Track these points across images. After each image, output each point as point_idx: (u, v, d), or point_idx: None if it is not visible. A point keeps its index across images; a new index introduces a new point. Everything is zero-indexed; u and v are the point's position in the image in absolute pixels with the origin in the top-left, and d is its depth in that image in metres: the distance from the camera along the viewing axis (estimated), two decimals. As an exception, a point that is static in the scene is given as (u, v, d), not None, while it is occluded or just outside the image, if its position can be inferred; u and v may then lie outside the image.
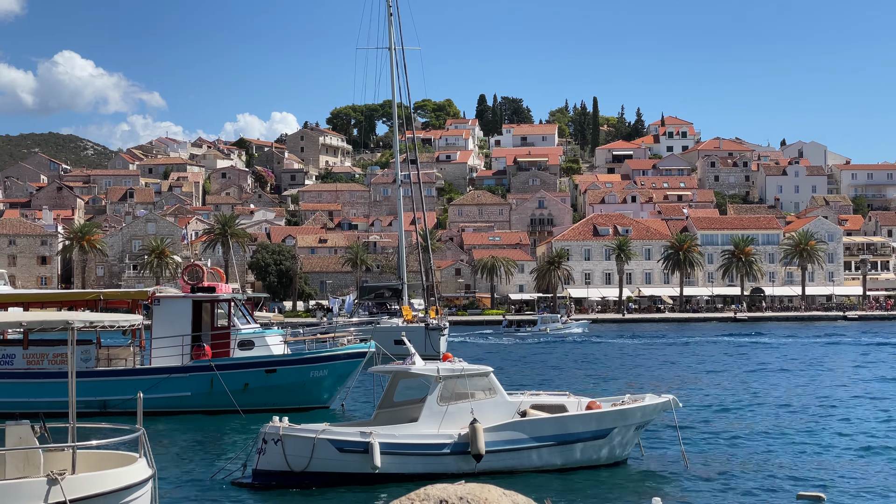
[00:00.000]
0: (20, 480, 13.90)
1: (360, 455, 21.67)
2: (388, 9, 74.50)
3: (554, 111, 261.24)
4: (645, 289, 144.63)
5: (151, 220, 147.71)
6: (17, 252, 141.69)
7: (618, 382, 46.48)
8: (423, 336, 61.84)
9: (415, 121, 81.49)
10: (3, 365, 35.07)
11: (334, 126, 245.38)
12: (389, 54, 74.66)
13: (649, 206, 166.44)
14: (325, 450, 21.77)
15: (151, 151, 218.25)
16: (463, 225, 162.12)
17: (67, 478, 13.83)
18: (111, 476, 14.43)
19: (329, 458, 21.77)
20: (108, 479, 14.33)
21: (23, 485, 13.70)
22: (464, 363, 23.90)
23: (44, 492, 13.59)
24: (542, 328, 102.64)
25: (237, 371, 35.62)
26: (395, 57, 74.42)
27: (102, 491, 14.14)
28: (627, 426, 24.16)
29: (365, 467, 21.61)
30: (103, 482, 14.23)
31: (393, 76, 74.61)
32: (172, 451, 27.33)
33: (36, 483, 13.69)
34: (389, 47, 74.64)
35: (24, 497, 13.50)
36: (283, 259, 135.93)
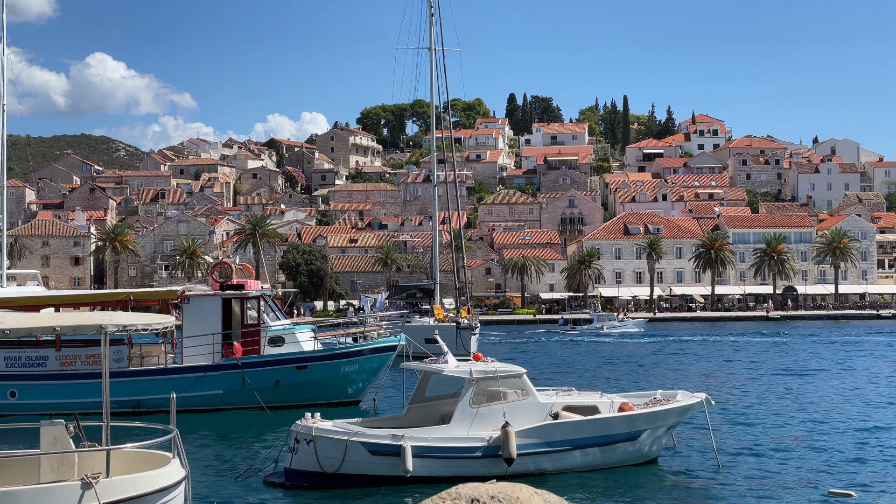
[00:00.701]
0: (54, 485, 13.93)
1: (392, 458, 21.60)
2: (429, 9, 74.58)
3: (584, 110, 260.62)
4: (676, 288, 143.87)
5: (183, 221, 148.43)
6: (51, 253, 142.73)
7: (655, 380, 46.16)
8: (454, 335, 61.78)
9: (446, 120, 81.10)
10: (37, 366, 35.28)
11: (364, 126, 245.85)
12: (429, 54, 74.76)
13: (680, 204, 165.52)
14: (357, 452, 21.73)
15: (183, 152, 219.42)
16: (493, 224, 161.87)
17: (101, 481, 13.85)
18: (145, 479, 14.43)
19: (361, 461, 21.72)
20: (142, 482, 14.34)
21: (57, 489, 13.74)
22: (496, 363, 23.76)
23: (78, 496, 13.61)
24: (598, 326, 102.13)
25: (268, 368, 35.68)
26: (435, 57, 74.54)
27: (136, 494, 14.16)
28: (659, 427, 23.97)
29: (397, 470, 21.54)
30: (137, 485, 14.24)
31: (432, 76, 74.73)
32: (205, 448, 27.37)
33: (70, 487, 13.72)
34: (430, 47, 74.70)
35: (59, 501, 13.53)
36: (314, 259, 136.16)
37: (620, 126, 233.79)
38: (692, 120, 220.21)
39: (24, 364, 35.31)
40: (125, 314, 15.98)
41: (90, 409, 31.79)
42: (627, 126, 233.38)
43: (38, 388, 34.81)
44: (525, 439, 22.33)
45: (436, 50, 74.35)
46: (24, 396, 34.66)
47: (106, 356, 15.14)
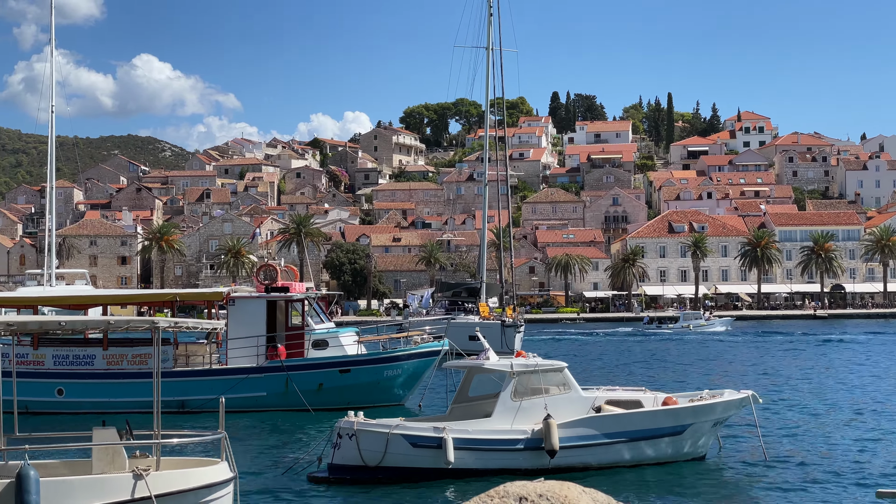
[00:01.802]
0: (106, 475, 14.17)
1: (434, 450, 21.62)
2: (488, 9, 74.60)
3: (628, 108, 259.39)
4: (721, 286, 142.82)
5: (228, 221, 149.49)
6: (98, 252, 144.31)
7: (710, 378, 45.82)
8: (498, 333, 61.76)
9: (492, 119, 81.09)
10: (84, 365, 35.63)
11: (407, 125, 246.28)
12: (487, 54, 74.80)
13: (725, 202, 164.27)
14: (398, 445, 21.79)
15: (227, 152, 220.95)
16: (537, 223, 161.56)
17: (152, 474, 14.09)
18: (195, 474, 14.67)
19: (403, 453, 21.77)
20: (192, 477, 14.57)
21: (109, 479, 13.99)
22: (538, 358, 23.75)
23: (129, 486, 13.85)
24: (684, 325, 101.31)
25: (311, 371, 35.79)
26: (492, 57, 74.56)
27: (186, 488, 14.36)
28: (704, 422, 23.80)
29: (438, 462, 21.55)
30: (187, 479, 14.47)
31: (488, 76, 74.78)
32: (249, 448, 27.52)
33: (122, 478, 13.97)
34: (487, 47, 74.72)
35: (111, 491, 13.77)
36: (358, 258, 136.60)
37: (664, 124, 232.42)
38: (737, 117, 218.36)
39: (72, 363, 35.67)
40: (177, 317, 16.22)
41: (136, 408, 32.14)
42: (672, 124, 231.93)
43: (84, 386, 35.15)
44: (567, 431, 22.26)
45: (493, 50, 74.37)
46: (72, 394, 35.03)
47: (158, 355, 15.37)
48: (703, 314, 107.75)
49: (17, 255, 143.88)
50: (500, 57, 74.29)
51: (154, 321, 14.79)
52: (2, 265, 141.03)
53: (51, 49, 66.75)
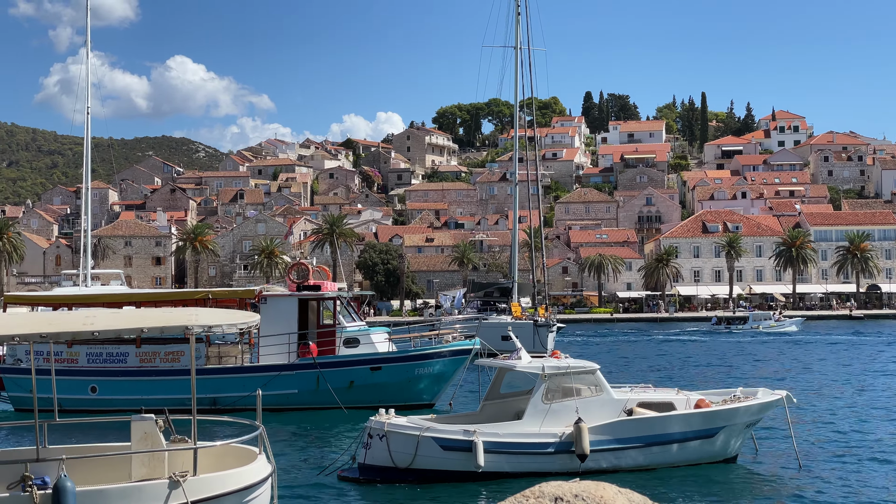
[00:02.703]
0: (143, 483, 14.18)
1: (464, 453, 21.54)
2: (516, 8, 74.47)
3: (661, 107, 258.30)
4: (756, 286, 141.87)
5: (261, 221, 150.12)
6: (133, 253, 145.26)
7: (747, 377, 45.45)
8: (531, 333, 61.67)
9: (521, 119, 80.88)
10: (117, 363, 35.86)
11: (440, 125, 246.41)
12: (515, 53, 74.59)
13: (760, 202, 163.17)
14: (428, 447, 21.71)
15: (261, 153, 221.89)
16: (570, 223, 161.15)
17: (189, 479, 14.06)
18: (232, 476, 14.61)
19: (433, 456, 21.70)
20: (230, 480, 14.51)
21: (146, 487, 13.99)
22: (570, 360, 23.59)
23: (166, 494, 13.86)
24: (754, 326, 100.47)
25: (343, 369, 35.83)
26: (521, 56, 74.33)
27: (224, 491, 14.34)
28: (737, 424, 23.57)
29: (468, 466, 21.47)
30: (224, 482, 14.42)
31: (517, 75, 74.53)
32: (282, 446, 27.57)
33: (158, 485, 13.96)
34: (515, 46, 74.53)
35: (148, 499, 13.79)
36: (391, 258, 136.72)
37: (698, 123, 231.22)
38: (772, 116, 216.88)
39: (105, 360, 35.92)
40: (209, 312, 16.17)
41: (169, 405, 32.27)
42: (706, 123, 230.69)
43: (118, 384, 35.39)
44: (598, 435, 22.12)
45: (521, 49, 74.13)
46: (105, 392, 35.27)
47: (193, 356, 15.41)
48: (773, 314, 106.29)
49: (53, 256, 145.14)
50: (528, 56, 73.98)
51: (187, 324, 14.78)
52: (38, 266, 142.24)
53: (86, 51, 67.28)
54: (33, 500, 13.37)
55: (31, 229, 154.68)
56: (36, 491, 13.42)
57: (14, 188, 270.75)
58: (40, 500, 13.36)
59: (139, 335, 16.59)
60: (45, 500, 13.34)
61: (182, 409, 27.31)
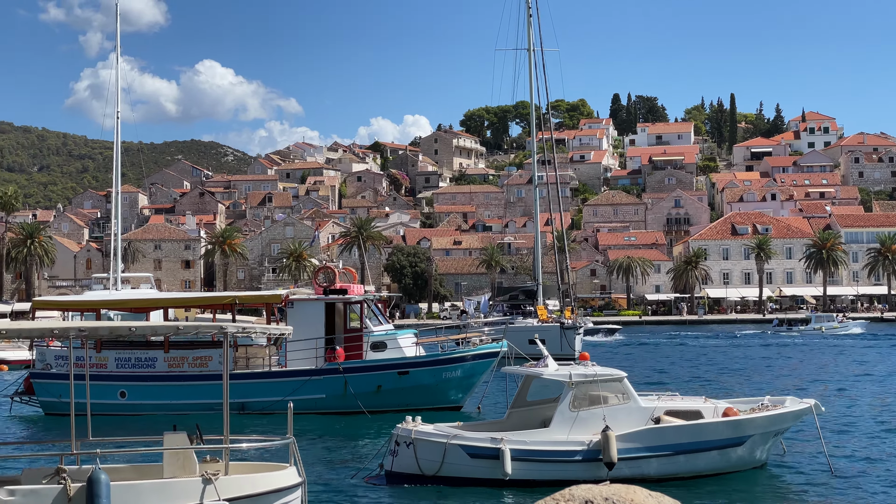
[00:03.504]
0: (177, 480, 14.35)
1: (491, 461, 21.51)
2: (527, 10, 74.25)
3: (690, 109, 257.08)
4: (786, 288, 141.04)
5: (289, 224, 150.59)
6: (163, 256, 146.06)
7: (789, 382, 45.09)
8: (558, 336, 61.48)
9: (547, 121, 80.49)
10: (146, 367, 36.02)
11: (467, 128, 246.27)
12: (528, 55, 74.31)
13: (790, 203, 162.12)
14: (455, 455, 21.70)
15: (289, 156, 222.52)
16: (598, 225, 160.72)
17: (221, 478, 14.23)
18: (264, 479, 14.77)
19: (460, 464, 21.68)
20: (261, 482, 14.67)
21: (179, 484, 14.17)
22: (597, 367, 23.50)
23: (199, 491, 14.03)
24: (816, 328, 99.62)
25: (370, 373, 35.84)
26: (534, 58, 74.02)
27: (255, 492, 14.47)
28: (765, 433, 23.41)
29: (495, 473, 21.43)
30: (256, 484, 14.58)
31: (531, 77, 74.20)
32: (309, 451, 27.60)
33: (192, 482, 14.14)
34: (528, 48, 74.25)
35: (181, 496, 13.96)
36: (419, 261, 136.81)
37: (727, 125, 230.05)
38: (802, 117, 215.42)
39: (134, 365, 36.08)
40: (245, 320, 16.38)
41: (197, 410, 32.43)
42: (734, 125, 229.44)
43: (146, 388, 35.54)
44: (626, 443, 22.03)
45: (534, 51, 73.83)
46: (134, 397, 35.42)
47: (226, 359, 15.49)
48: (836, 316, 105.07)
49: (83, 260, 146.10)
50: (541, 58, 73.61)
51: (222, 326, 14.86)
52: (69, 269, 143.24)
53: (116, 56, 67.77)
54: (67, 492, 13.50)
55: (62, 233, 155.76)
56: (70, 483, 13.54)
57: (45, 192, 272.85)
58: (75, 492, 13.48)
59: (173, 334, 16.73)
60: (80, 492, 13.46)
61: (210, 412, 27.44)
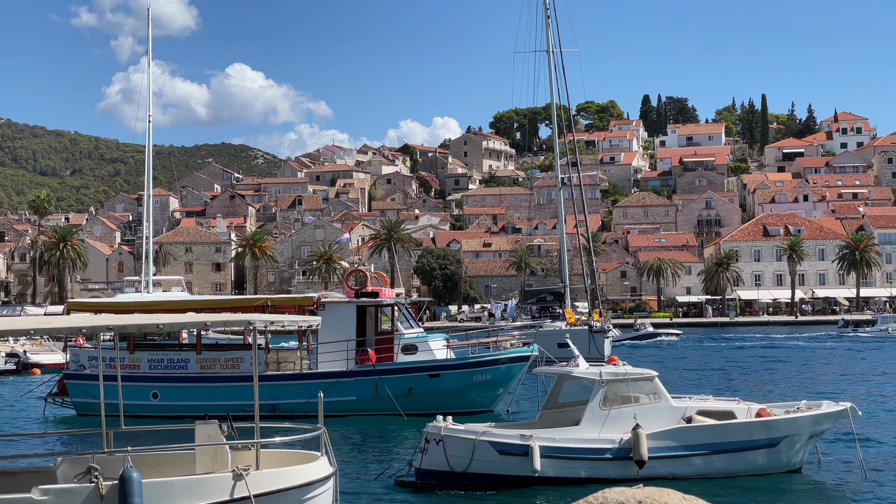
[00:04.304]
0: (207, 476, 14.39)
1: (520, 458, 21.48)
2: (545, 11, 74.00)
3: (720, 110, 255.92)
4: (819, 290, 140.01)
5: (319, 227, 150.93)
6: (194, 259, 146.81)
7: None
8: (586, 339, 61.22)
9: (577, 123, 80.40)
10: (178, 369, 36.18)
11: (497, 130, 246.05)
12: (547, 57, 74.05)
13: (822, 204, 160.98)
14: (485, 451, 21.68)
15: (319, 159, 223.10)
16: (628, 227, 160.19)
17: (252, 473, 14.24)
18: (294, 472, 14.78)
19: (489, 460, 21.66)
20: (292, 476, 14.69)
21: (210, 479, 14.21)
22: (628, 367, 23.43)
23: (230, 486, 14.06)
24: (882, 328, 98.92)
25: (401, 376, 35.86)
26: (553, 59, 73.72)
27: (286, 486, 14.49)
28: (799, 435, 23.20)
29: (525, 470, 21.38)
30: (286, 478, 14.60)
31: (551, 79, 73.93)
32: (340, 451, 27.65)
33: (222, 478, 14.17)
34: (547, 50, 74.00)
35: (212, 491, 14.00)
36: (448, 263, 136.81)
37: (759, 125, 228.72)
38: (834, 118, 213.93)
39: (167, 366, 36.25)
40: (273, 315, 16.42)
41: (229, 411, 32.51)
42: (766, 125, 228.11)
43: (179, 390, 35.68)
44: (657, 442, 21.92)
45: (553, 52, 73.61)
46: (166, 398, 35.57)
47: (255, 353, 15.53)
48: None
49: (115, 263, 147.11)
50: (560, 59, 73.32)
51: (250, 320, 14.93)
52: (101, 272, 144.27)
53: (147, 60, 68.20)
54: (99, 490, 13.55)
55: (94, 236, 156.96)
56: (102, 482, 13.60)
57: (77, 196, 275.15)
58: (107, 490, 13.55)
59: (202, 328, 16.82)
60: (112, 491, 13.52)
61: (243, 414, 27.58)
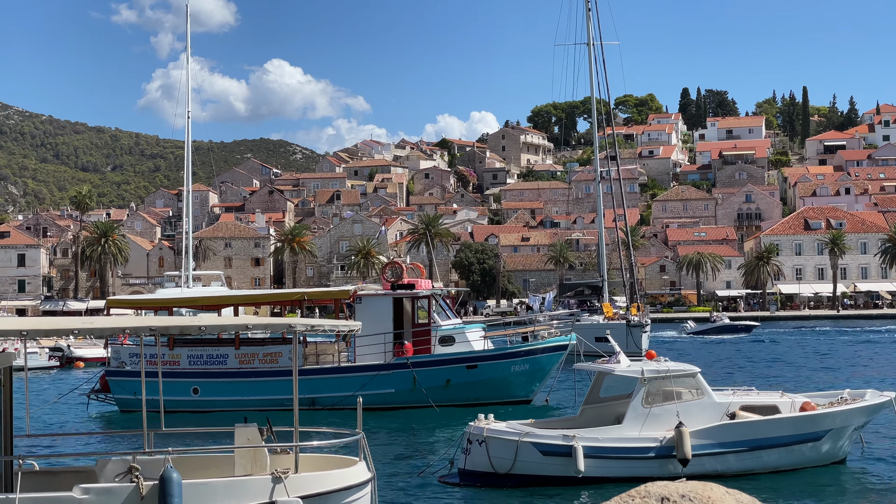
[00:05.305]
0: (247, 478, 14.44)
1: (564, 458, 21.33)
2: (586, 4, 73.61)
3: (761, 102, 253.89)
4: (861, 284, 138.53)
5: (358, 222, 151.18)
6: (233, 254, 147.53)
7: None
8: (624, 333, 60.85)
9: (616, 116, 79.80)
10: (218, 364, 36.32)
11: (535, 124, 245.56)
12: (588, 50, 73.59)
13: (864, 197, 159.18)
14: (528, 453, 21.55)
15: (357, 154, 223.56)
16: (667, 221, 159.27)
17: (291, 476, 14.27)
18: (334, 476, 14.80)
19: (532, 461, 21.53)
20: (331, 479, 14.71)
21: (249, 481, 14.25)
22: (669, 362, 23.19)
23: (269, 489, 14.09)
24: None
25: (438, 368, 35.81)
26: (594, 53, 73.25)
27: (325, 490, 14.50)
28: (844, 427, 22.93)
29: (568, 471, 21.24)
30: (325, 482, 14.62)
31: (591, 72, 73.46)
32: (381, 447, 27.61)
33: (262, 480, 14.20)
34: (588, 43, 73.54)
35: (251, 493, 14.04)
36: (487, 258, 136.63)
37: (799, 118, 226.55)
38: (876, 110, 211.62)
39: (206, 362, 36.41)
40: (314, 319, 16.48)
41: (267, 406, 32.62)
42: (807, 118, 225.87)
43: (218, 385, 35.84)
44: (700, 440, 21.71)
45: (594, 45, 73.11)
46: (206, 393, 35.74)
47: (296, 356, 15.54)
48: None
49: (156, 258, 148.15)
50: (601, 52, 72.74)
51: (290, 324, 14.92)
52: (142, 267, 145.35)
53: (187, 56, 68.51)
54: (140, 490, 13.62)
55: (134, 232, 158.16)
56: (143, 482, 13.66)
57: (118, 191, 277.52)
58: (147, 490, 13.61)
59: (243, 331, 16.91)
60: (152, 491, 13.58)
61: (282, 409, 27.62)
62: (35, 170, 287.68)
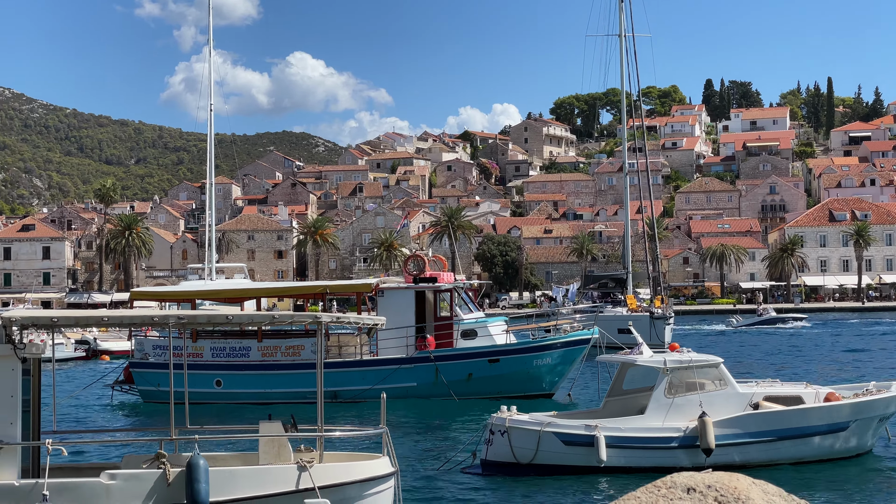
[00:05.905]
0: (272, 466, 14.57)
1: (586, 448, 21.31)
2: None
3: (785, 94, 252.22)
4: (886, 276, 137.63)
5: (380, 214, 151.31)
6: (256, 247, 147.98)
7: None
8: (647, 325, 60.66)
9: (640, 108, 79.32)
10: (241, 357, 36.42)
11: (557, 116, 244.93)
12: (619, 41, 73.20)
13: (890, 189, 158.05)
14: (550, 442, 21.56)
15: (379, 146, 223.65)
16: (690, 213, 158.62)
17: (315, 466, 14.37)
18: (358, 467, 14.89)
19: (555, 451, 21.53)
20: (355, 470, 14.79)
21: (274, 470, 14.38)
22: (692, 353, 23.12)
23: (294, 477, 14.21)
24: None
25: (461, 361, 35.77)
26: (625, 44, 72.86)
27: (349, 480, 14.59)
28: (869, 418, 22.79)
29: (591, 461, 21.23)
30: (350, 472, 14.71)
31: (622, 63, 73.08)
32: (404, 440, 27.61)
33: (287, 469, 14.34)
34: (619, 34, 73.15)
35: (277, 482, 14.18)
36: (509, 250, 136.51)
37: (824, 109, 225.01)
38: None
39: (229, 354, 36.53)
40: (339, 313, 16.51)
41: (290, 398, 32.71)
42: (832, 109, 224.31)
43: (241, 377, 35.95)
44: (723, 429, 21.65)
45: (626, 36, 72.65)
46: (229, 386, 35.87)
47: (321, 349, 15.58)
48: None
49: (179, 250, 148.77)
50: (633, 44, 72.27)
51: (317, 316, 14.96)
52: (165, 260, 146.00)
53: (209, 49, 68.52)
54: (167, 476, 13.75)
55: (158, 224, 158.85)
56: (170, 468, 13.78)
57: (142, 184, 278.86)
58: (174, 477, 13.72)
59: (269, 323, 17.00)
60: (179, 477, 13.70)
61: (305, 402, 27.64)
62: (59, 163, 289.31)
